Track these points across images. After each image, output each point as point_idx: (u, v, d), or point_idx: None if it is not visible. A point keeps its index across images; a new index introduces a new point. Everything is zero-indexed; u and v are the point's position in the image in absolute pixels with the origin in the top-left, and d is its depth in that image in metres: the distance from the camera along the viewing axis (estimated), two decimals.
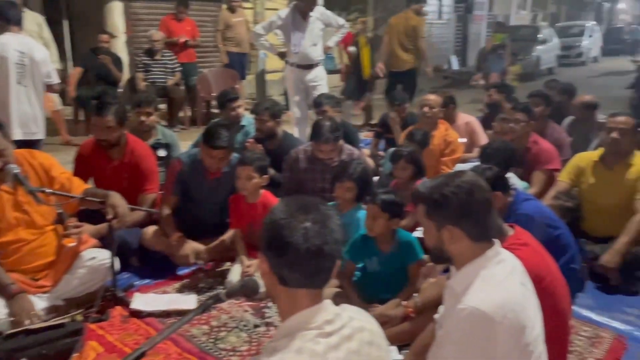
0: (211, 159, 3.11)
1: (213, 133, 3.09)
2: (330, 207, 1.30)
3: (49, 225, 2.67)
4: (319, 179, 3.41)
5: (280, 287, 1.24)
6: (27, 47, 3.80)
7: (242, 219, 3.09)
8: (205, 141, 3.10)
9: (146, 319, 2.65)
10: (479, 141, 4.60)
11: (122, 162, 3.25)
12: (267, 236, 1.23)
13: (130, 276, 3.07)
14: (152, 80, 6.84)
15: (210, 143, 3.07)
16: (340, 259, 1.28)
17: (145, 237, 3.18)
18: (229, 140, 3.11)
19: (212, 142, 3.06)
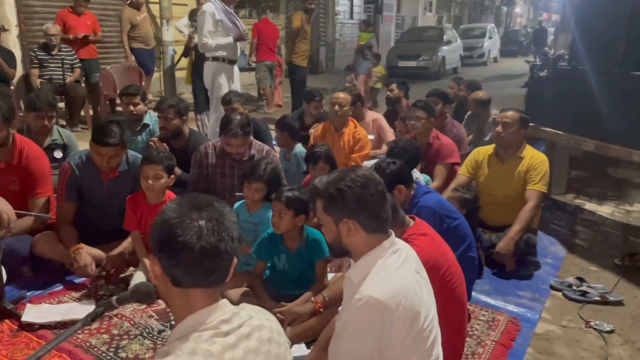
0: (101, 158, 2.95)
1: (102, 130, 2.93)
2: (225, 204, 1.26)
3: None
4: (228, 174, 3.35)
5: (173, 289, 1.19)
6: None
7: (144, 222, 2.95)
8: (93, 139, 2.94)
9: (39, 332, 2.46)
10: (386, 137, 4.73)
11: (9, 164, 3.00)
12: (158, 237, 1.18)
13: (21, 286, 2.84)
14: (49, 77, 6.39)
15: (99, 140, 2.91)
16: (237, 257, 1.25)
17: (37, 244, 2.95)
18: (120, 136, 2.96)
19: (101, 139, 2.90)
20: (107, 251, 3.03)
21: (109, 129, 2.92)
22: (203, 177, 3.43)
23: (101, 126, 2.96)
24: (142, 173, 2.87)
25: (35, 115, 3.43)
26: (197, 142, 3.77)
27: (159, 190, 2.90)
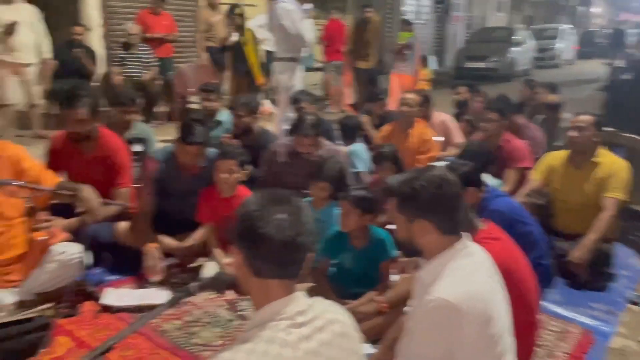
0: (186, 155, 3.08)
1: (188, 129, 3.06)
2: (301, 199, 1.31)
3: (18, 218, 2.62)
4: (296, 174, 3.41)
5: (253, 279, 1.25)
6: None
7: (216, 213, 3.07)
8: (180, 137, 3.06)
9: (118, 314, 2.62)
10: (453, 139, 4.66)
11: (94, 155, 3.20)
12: (241, 228, 1.24)
13: (102, 271, 3.03)
14: (128, 75, 6.74)
15: (185, 139, 3.04)
16: (313, 252, 1.29)
17: (118, 232, 3.14)
18: (204, 136, 3.09)
19: (187, 138, 3.03)
20: (180, 241, 3.17)
21: (193, 128, 3.05)
22: (272, 175, 3.51)
23: (187, 125, 3.09)
24: (217, 167, 2.98)
25: (118, 110, 3.65)
26: (266, 140, 3.87)
27: (231, 184, 3.01)
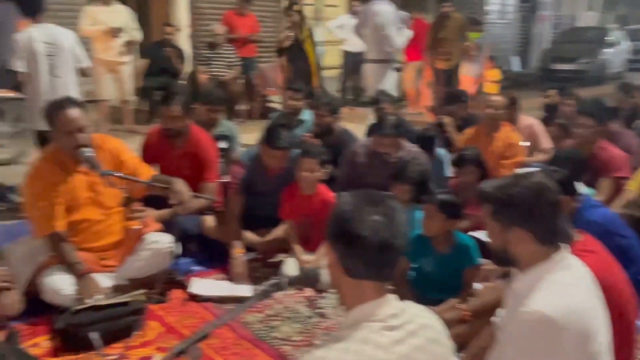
0: (272, 159, 3.14)
1: (273, 134, 3.11)
2: (396, 202, 1.30)
3: (116, 207, 2.80)
4: (376, 174, 3.39)
5: (346, 278, 1.26)
6: (53, 36, 3.84)
7: (297, 211, 3.13)
8: (266, 141, 3.13)
9: (204, 304, 2.73)
10: (541, 145, 4.46)
11: (185, 151, 3.35)
12: (336, 227, 1.25)
13: (189, 261, 3.17)
14: (213, 74, 6.99)
15: (271, 144, 3.10)
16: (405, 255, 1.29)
17: (204, 224, 3.27)
18: (289, 140, 3.14)
19: (273, 142, 3.09)
20: (262, 235, 3.26)
21: (279, 133, 3.10)
22: (351, 175, 3.52)
23: (272, 129, 3.16)
24: (299, 165, 3.03)
25: (206, 108, 3.80)
26: (347, 140, 3.89)
27: (312, 182, 3.05)
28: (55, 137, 2.58)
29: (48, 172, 2.57)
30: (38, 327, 2.45)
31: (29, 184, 2.58)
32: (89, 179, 2.66)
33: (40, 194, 2.54)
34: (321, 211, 3.05)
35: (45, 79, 3.83)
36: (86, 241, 2.70)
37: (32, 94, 3.95)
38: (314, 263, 2.89)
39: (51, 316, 2.45)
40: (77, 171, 2.64)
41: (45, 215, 2.54)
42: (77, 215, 2.64)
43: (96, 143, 2.68)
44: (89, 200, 2.67)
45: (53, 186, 2.56)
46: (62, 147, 2.58)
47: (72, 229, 2.64)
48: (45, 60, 3.82)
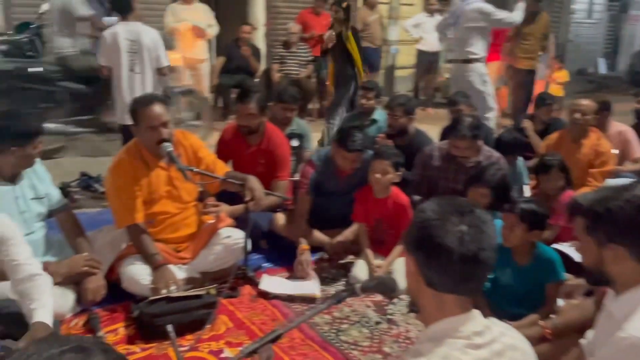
0: (344, 160, 3.10)
1: (348, 135, 3.06)
2: (486, 212, 1.23)
3: (192, 202, 2.87)
4: (451, 179, 3.28)
5: (426, 289, 1.20)
6: (136, 34, 3.98)
7: (369, 214, 3.07)
8: (339, 143, 3.09)
9: (272, 301, 2.74)
10: (633, 153, 4.15)
11: (259, 148, 3.39)
12: (418, 236, 1.19)
13: (259, 258, 3.20)
14: (286, 72, 7.07)
15: (344, 146, 3.05)
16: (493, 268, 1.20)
17: (276, 222, 3.29)
18: (362, 143, 3.08)
19: (347, 145, 3.04)
20: (331, 236, 3.23)
21: (353, 135, 3.04)
22: (426, 179, 3.42)
23: (346, 131, 3.11)
24: (372, 167, 2.98)
25: (281, 106, 3.82)
26: (421, 142, 3.78)
27: (385, 185, 2.98)
28: (138, 131, 2.67)
29: (130, 166, 2.67)
30: (116, 314, 2.55)
31: (111, 176, 2.70)
32: (168, 174, 2.74)
33: (122, 187, 2.65)
34: (394, 215, 2.99)
35: (125, 75, 4.00)
36: (163, 232, 2.78)
37: (115, 89, 4.14)
38: (384, 268, 2.82)
39: (129, 304, 2.53)
40: (158, 166, 2.72)
41: (126, 208, 2.64)
42: (155, 208, 2.73)
43: (176, 139, 2.75)
44: (167, 194, 2.75)
45: (134, 180, 2.66)
46: (145, 142, 2.67)
47: (150, 220, 2.73)
48: (126, 56, 3.99)
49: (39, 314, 1.94)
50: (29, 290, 1.99)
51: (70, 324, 2.42)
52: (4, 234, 2.00)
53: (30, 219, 2.50)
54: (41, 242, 2.57)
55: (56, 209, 2.66)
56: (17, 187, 2.46)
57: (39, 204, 2.56)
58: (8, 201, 2.40)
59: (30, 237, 2.46)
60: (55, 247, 2.65)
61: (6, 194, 2.41)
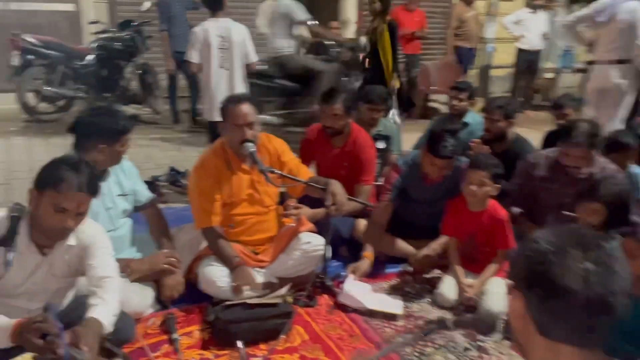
0: (433, 167, 2.86)
1: (438, 140, 2.81)
2: (615, 245, 0.99)
3: (272, 206, 2.78)
4: (558, 191, 2.93)
5: (537, 336, 0.99)
6: (227, 31, 3.95)
7: (462, 228, 2.81)
8: (428, 147, 2.86)
9: (351, 315, 2.58)
10: None
11: (343, 150, 3.24)
12: (529, 271, 0.98)
13: (339, 265, 3.05)
14: None
15: (434, 151, 2.82)
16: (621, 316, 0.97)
17: (357, 228, 3.13)
18: (454, 149, 2.83)
19: (436, 150, 2.80)
20: (415, 247, 3.01)
21: (444, 139, 2.80)
22: (527, 190, 3.09)
23: (437, 136, 2.86)
24: (467, 178, 2.71)
25: (368, 107, 3.65)
26: (521, 149, 3.45)
27: (481, 198, 2.71)
28: (225, 129, 2.62)
29: (213, 167, 2.62)
30: (192, 316, 2.50)
31: (195, 176, 2.66)
32: (251, 177, 2.68)
33: (203, 188, 2.60)
34: (490, 230, 2.70)
35: (216, 71, 4.01)
36: (241, 234, 2.72)
37: (204, 84, 4.17)
38: (477, 288, 2.54)
39: (205, 306, 2.48)
40: (241, 169, 2.66)
41: (204, 210, 2.60)
42: (235, 211, 2.67)
43: (261, 141, 2.68)
44: (249, 198, 2.69)
45: (216, 182, 2.61)
46: (229, 141, 2.61)
47: (230, 224, 2.67)
48: (217, 53, 4.00)
49: (96, 310, 1.86)
50: (96, 289, 1.95)
51: (147, 323, 2.41)
52: (92, 241, 1.99)
53: (116, 215, 2.53)
54: (125, 238, 2.60)
55: (142, 204, 2.67)
56: (103, 184, 2.48)
57: (124, 201, 2.58)
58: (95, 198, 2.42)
59: (114, 233, 2.48)
60: (138, 242, 2.67)
61: None
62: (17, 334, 1.67)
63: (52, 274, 1.96)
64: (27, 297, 1.94)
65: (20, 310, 1.88)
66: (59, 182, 1.76)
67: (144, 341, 2.27)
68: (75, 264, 1.99)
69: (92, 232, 2.02)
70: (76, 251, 1.97)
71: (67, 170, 1.79)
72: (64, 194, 1.76)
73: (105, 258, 2.03)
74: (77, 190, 1.78)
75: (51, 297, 1.98)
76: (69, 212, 1.79)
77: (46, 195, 1.78)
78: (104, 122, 2.37)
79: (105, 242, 2.06)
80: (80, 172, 1.80)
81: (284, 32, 5.38)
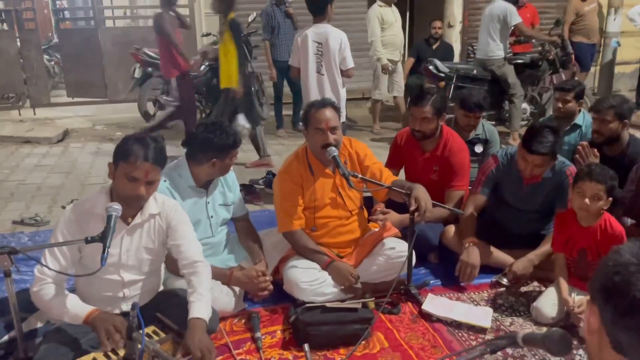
0: (526, 163, 2.68)
1: (535, 135, 2.63)
2: None
3: (356, 210, 2.76)
4: None
5: (611, 353, 0.89)
6: (323, 37, 3.95)
7: (571, 243, 2.55)
8: (523, 142, 2.68)
9: (435, 324, 2.48)
10: None
11: (433, 154, 3.13)
12: (608, 283, 0.88)
13: (426, 273, 2.95)
14: None
15: (528, 146, 2.64)
16: None
17: (445, 235, 3.01)
18: (551, 146, 2.62)
19: (531, 145, 2.62)
20: (514, 256, 2.83)
21: (542, 135, 2.62)
22: None
23: (535, 130, 2.68)
24: (578, 189, 2.46)
25: (462, 113, 3.49)
26: (637, 152, 3.10)
27: (593, 212, 2.45)
28: (307, 134, 2.65)
29: (297, 172, 2.67)
30: (276, 316, 2.56)
31: (279, 181, 2.72)
32: (334, 181, 2.69)
33: (287, 193, 2.66)
34: (604, 246, 2.42)
35: (312, 76, 4.06)
36: (325, 236, 2.73)
37: (304, 89, 4.24)
38: (583, 306, 2.31)
39: (289, 306, 2.53)
40: (323, 173, 2.68)
41: (287, 214, 2.64)
42: (318, 214, 2.68)
43: (343, 145, 2.68)
44: (332, 202, 2.69)
45: (299, 187, 2.65)
46: (312, 146, 2.64)
47: (312, 227, 2.70)
48: (314, 58, 4.06)
49: (196, 309, 2.02)
50: (189, 277, 2.12)
51: (233, 321, 2.50)
52: (175, 220, 2.16)
53: (216, 223, 2.66)
54: (221, 244, 2.73)
55: (238, 217, 2.80)
56: (209, 194, 2.63)
57: (225, 210, 2.72)
58: (200, 206, 2.59)
59: (213, 239, 2.64)
60: (231, 243, 2.79)
61: (200, 199, 2.59)
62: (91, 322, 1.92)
63: (140, 244, 2.12)
64: (122, 269, 2.11)
65: (115, 283, 2.11)
66: (128, 155, 1.95)
67: (228, 338, 2.36)
68: (161, 235, 2.15)
69: (173, 206, 2.19)
70: (159, 222, 2.14)
71: (135, 144, 1.97)
72: (132, 164, 1.94)
73: (192, 241, 2.20)
74: (143, 160, 1.95)
75: (142, 267, 2.15)
76: (139, 180, 1.96)
77: (120, 167, 1.97)
78: (216, 138, 2.50)
79: (188, 223, 2.23)
80: (146, 145, 1.97)
81: (496, 35, 5.62)
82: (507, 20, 5.54)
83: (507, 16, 5.51)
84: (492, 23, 5.60)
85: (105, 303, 2.09)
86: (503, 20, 5.55)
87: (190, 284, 2.11)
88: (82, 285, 2.16)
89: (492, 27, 5.60)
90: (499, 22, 5.56)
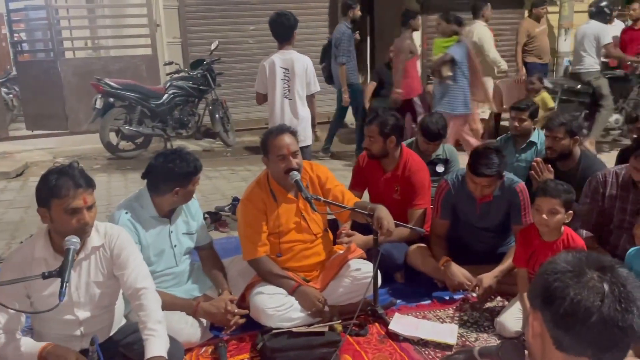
0: (474, 185, 2.76)
1: (479, 158, 2.72)
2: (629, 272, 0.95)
3: (320, 233, 2.78)
4: (630, 210, 2.71)
5: (555, 353, 0.98)
6: (289, 62, 4.01)
7: (533, 258, 2.59)
8: (468, 166, 2.76)
9: (402, 344, 2.50)
10: None
11: (394, 174, 3.19)
12: (547, 289, 0.98)
13: (392, 293, 2.98)
14: None
15: (473, 169, 2.72)
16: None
17: (410, 255, 3.05)
18: (496, 167, 2.71)
19: (476, 168, 2.71)
20: (474, 273, 2.87)
21: (487, 157, 2.71)
22: (597, 209, 2.88)
23: (479, 153, 2.77)
24: (536, 205, 2.51)
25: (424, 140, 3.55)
26: (588, 167, 3.23)
27: (553, 227, 2.50)
28: (268, 162, 2.66)
29: (259, 199, 2.67)
30: (243, 344, 2.52)
31: (242, 208, 2.72)
32: (297, 206, 2.70)
33: (250, 220, 2.65)
34: None
35: (279, 102, 4.09)
36: (290, 261, 2.72)
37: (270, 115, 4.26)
38: None
39: (256, 334, 2.50)
40: (286, 199, 2.69)
41: (251, 241, 2.64)
42: (283, 239, 2.68)
43: (305, 169, 2.71)
44: (296, 226, 2.70)
45: (262, 214, 2.65)
46: (273, 173, 2.66)
47: (278, 253, 2.69)
48: (281, 84, 4.10)
49: (150, 348, 1.93)
50: (137, 310, 2.04)
51: (199, 352, 2.46)
52: (118, 248, 2.07)
53: (180, 252, 2.63)
54: (185, 273, 2.70)
55: (202, 245, 2.77)
56: (172, 222, 2.60)
57: (189, 239, 2.68)
58: (164, 236, 2.55)
59: (176, 268, 2.61)
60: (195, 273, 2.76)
61: (163, 229, 2.56)
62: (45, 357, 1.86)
63: (89, 279, 2.05)
64: (75, 307, 2.04)
65: (71, 322, 2.04)
66: (59, 189, 1.87)
67: None
68: (109, 265, 2.08)
69: (116, 233, 2.10)
70: (103, 253, 2.06)
71: (59, 178, 1.89)
72: (67, 197, 1.87)
73: (137, 267, 2.10)
74: (75, 189, 1.88)
75: (96, 302, 2.07)
76: (80, 209, 1.90)
77: (54, 206, 1.90)
78: (176, 167, 2.47)
79: (132, 247, 2.14)
80: (70, 175, 1.90)
81: (592, 51, 6.09)
82: (600, 40, 6.02)
83: (600, 37, 6.01)
84: (587, 40, 6.08)
85: (64, 343, 2.01)
86: (596, 38, 6.03)
87: (140, 318, 2.02)
88: (38, 327, 2.09)
89: (587, 44, 6.08)
90: (595, 39, 6.05)
